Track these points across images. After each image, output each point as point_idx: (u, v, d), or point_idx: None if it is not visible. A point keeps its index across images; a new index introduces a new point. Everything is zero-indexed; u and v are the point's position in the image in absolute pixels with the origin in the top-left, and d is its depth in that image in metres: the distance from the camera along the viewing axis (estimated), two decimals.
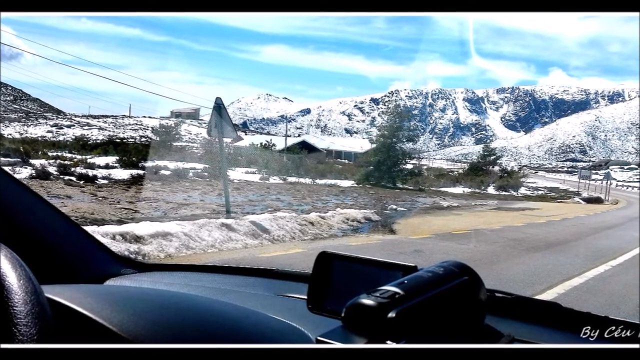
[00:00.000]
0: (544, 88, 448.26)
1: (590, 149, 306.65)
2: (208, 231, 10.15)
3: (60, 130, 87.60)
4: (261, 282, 1.98)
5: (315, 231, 12.55)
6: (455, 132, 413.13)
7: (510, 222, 18.01)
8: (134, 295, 1.17)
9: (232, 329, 1.08)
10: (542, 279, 8.44)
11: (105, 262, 1.86)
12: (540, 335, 1.43)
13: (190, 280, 1.93)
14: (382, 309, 0.89)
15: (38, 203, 1.66)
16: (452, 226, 15.52)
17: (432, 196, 30.41)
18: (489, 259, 9.98)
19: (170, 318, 1.01)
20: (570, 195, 47.06)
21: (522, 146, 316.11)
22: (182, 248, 9.10)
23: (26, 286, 0.83)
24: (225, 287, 1.86)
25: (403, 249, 10.75)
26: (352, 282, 1.10)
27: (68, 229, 1.77)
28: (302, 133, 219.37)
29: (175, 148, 49.95)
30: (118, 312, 0.94)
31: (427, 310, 0.96)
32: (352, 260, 1.14)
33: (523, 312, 1.56)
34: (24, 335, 0.77)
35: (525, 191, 47.99)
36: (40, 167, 20.51)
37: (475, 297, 1.10)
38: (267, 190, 23.45)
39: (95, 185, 18.43)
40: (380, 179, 38.10)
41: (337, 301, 1.05)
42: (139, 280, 1.86)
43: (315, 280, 1.16)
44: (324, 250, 1.17)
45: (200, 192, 19.37)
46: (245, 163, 41.43)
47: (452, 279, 1.06)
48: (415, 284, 0.99)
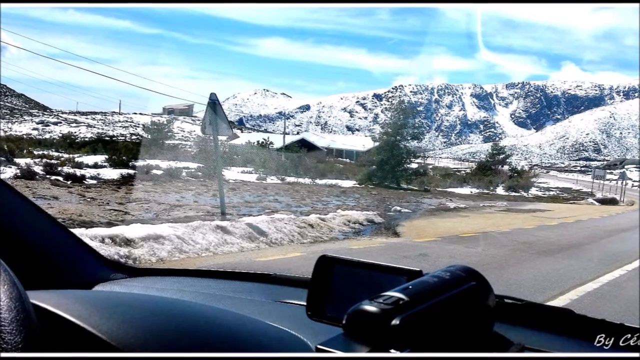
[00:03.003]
0: (555, 83, 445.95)
1: (605, 147, 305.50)
2: (202, 234, 10.15)
3: (46, 127, 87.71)
4: (258, 288, 1.97)
5: (315, 234, 12.53)
6: (463, 129, 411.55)
7: (520, 224, 17.96)
8: (124, 301, 1.16)
9: (227, 337, 1.07)
10: (554, 284, 8.38)
11: (94, 267, 1.86)
12: (552, 343, 1.42)
13: (184, 286, 1.93)
14: (385, 316, 0.88)
15: (23, 205, 1.64)
16: (459, 228, 15.48)
17: (438, 197, 30.39)
18: (498, 263, 9.94)
19: (163, 325, 1.00)
20: (584, 196, 47.00)
21: (532, 144, 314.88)
22: (175, 252, 9.09)
23: (10, 292, 0.82)
24: (221, 292, 1.85)
25: (407, 252, 10.72)
26: (353, 288, 1.09)
27: (55, 231, 1.75)
28: (301, 130, 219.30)
29: (167, 146, 49.95)
30: (107, 319, 0.93)
31: (432, 317, 0.95)
32: (353, 264, 1.13)
33: (534, 319, 1.55)
34: (8, 343, 0.76)
35: (536, 192, 47.88)
36: (26, 166, 20.49)
37: (484, 303, 1.08)
38: (264, 190, 23.47)
39: (84, 186, 18.41)
40: (383, 179, 37.93)
41: (338, 308, 1.04)
42: (129, 285, 1.85)
43: (314, 285, 1.15)
44: (324, 254, 1.17)
45: (194, 193, 19.37)
46: (241, 162, 41.47)
47: (459, 284, 1.04)
48: (420, 289, 0.98)
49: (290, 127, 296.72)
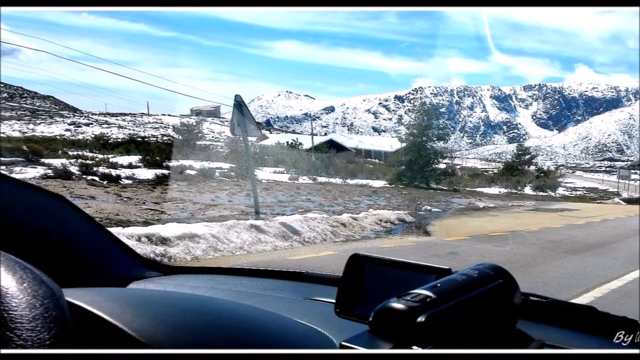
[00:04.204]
0: (572, 85, 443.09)
1: (628, 147, 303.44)
2: (236, 233, 10.14)
3: (78, 128, 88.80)
4: (289, 286, 1.99)
5: (347, 233, 12.51)
6: (487, 130, 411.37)
7: (548, 223, 17.80)
8: (157, 298, 1.14)
9: (256, 334, 1.05)
10: (580, 282, 8.28)
11: (129, 265, 1.88)
12: (572, 340, 1.42)
13: (216, 284, 1.94)
14: (411, 313, 0.88)
15: (58, 205, 1.63)
16: (488, 228, 15.41)
17: (467, 197, 30.40)
18: (526, 262, 9.81)
19: (192, 322, 0.98)
20: (610, 195, 46.70)
21: (556, 145, 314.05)
22: (210, 250, 9.10)
23: (35, 290, 0.79)
24: (252, 290, 1.86)
25: (437, 251, 10.63)
26: (383, 286, 1.10)
27: (92, 231, 1.75)
28: (328, 131, 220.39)
29: (198, 147, 50.46)
30: (139, 316, 0.90)
31: (458, 315, 0.95)
32: (384, 263, 1.15)
33: (557, 316, 1.57)
34: (27, 340, 0.73)
35: (563, 191, 47.80)
36: (62, 166, 20.60)
37: (510, 301, 1.10)
38: (296, 190, 23.52)
39: (119, 186, 18.55)
40: (413, 179, 38.00)
41: (366, 305, 1.03)
42: (163, 283, 1.86)
43: (345, 283, 1.16)
44: (355, 253, 1.18)
45: (228, 193, 19.48)
46: (272, 162, 41.69)
47: (486, 282, 1.06)
48: (448, 287, 0.99)
49: (317, 128, 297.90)
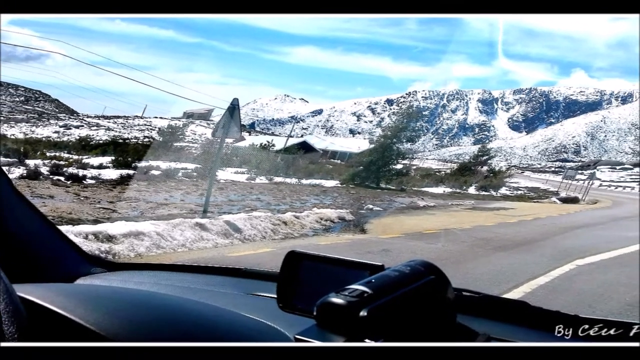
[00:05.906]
0: (561, 89, 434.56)
1: (585, 149, 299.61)
2: (181, 230, 9.97)
3: (67, 130, 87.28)
4: (230, 281, 1.97)
5: (287, 231, 12.42)
6: (458, 132, 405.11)
7: (482, 221, 17.82)
8: (104, 294, 1.16)
9: (209, 328, 1.06)
10: (509, 277, 8.41)
11: (75, 262, 1.85)
12: (513, 333, 1.43)
13: (159, 280, 1.93)
14: (352, 308, 0.90)
15: (15, 201, 1.64)
16: (423, 226, 15.24)
17: (411, 196, 29.78)
18: (456, 258, 9.89)
19: (144, 317, 0.99)
20: (549, 195, 46.44)
21: (518, 146, 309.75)
22: (153, 247, 8.93)
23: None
24: (195, 286, 1.85)
25: (371, 248, 10.64)
26: (320, 281, 1.11)
27: (41, 228, 1.75)
28: (306, 133, 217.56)
29: (174, 148, 49.32)
30: (91, 310, 0.92)
31: (397, 309, 0.97)
32: (320, 259, 1.15)
33: (492, 311, 1.57)
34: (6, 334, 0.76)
35: (505, 191, 47.32)
36: (34, 167, 20.29)
37: (443, 295, 1.11)
38: (249, 190, 23.02)
39: (82, 185, 18.18)
40: (366, 179, 37.19)
41: (306, 300, 1.06)
42: (108, 279, 1.85)
43: (283, 279, 1.18)
44: (292, 250, 1.19)
45: (183, 192, 19.11)
46: (238, 163, 40.69)
47: (418, 278, 1.07)
48: (382, 283, 1.00)
49: (297, 130, 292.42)
